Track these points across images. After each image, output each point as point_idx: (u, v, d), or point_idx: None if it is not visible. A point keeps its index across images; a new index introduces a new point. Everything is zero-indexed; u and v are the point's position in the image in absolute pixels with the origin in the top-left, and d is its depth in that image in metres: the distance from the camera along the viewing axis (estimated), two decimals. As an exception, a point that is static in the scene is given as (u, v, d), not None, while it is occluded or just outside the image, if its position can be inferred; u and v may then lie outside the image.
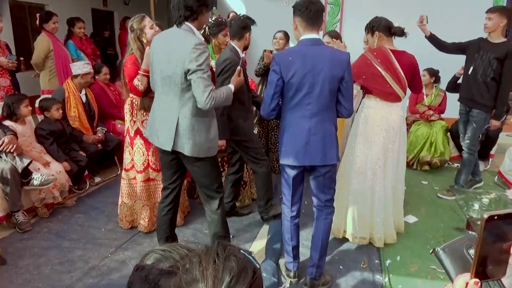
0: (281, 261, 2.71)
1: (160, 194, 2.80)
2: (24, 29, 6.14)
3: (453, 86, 4.27)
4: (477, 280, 0.66)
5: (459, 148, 4.84)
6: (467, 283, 0.67)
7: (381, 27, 2.77)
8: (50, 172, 3.37)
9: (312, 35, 2.17)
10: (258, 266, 0.75)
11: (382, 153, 2.75)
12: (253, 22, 2.97)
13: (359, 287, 2.52)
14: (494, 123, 3.59)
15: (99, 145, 4.12)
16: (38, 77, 4.52)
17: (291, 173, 2.31)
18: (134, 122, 2.96)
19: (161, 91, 2.31)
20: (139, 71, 2.80)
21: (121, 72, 2.97)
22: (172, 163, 2.47)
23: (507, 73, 3.37)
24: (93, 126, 4.21)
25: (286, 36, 4.02)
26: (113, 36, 8.23)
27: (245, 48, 3.03)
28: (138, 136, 2.96)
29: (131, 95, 2.94)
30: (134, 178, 3.06)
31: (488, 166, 4.72)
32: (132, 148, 3.01)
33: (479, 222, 1.99)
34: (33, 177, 3.18)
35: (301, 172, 2.33)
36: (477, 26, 3.74)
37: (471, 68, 3.53)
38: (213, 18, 3.24)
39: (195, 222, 3.34)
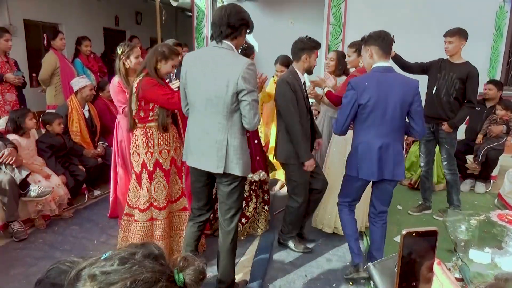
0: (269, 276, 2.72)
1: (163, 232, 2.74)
2: (37, 47, 6.40)
3: None
4: None
5: (459, 169, 4.80)
6: None
7: None
8: (50, 185, 3.47)
9: (386, 63, 2.44)
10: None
11: None
12: (317, 44, 2.90)
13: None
14: (446, 128, 3.54)
15: (99, 159, 4.23)
16: (44, 92, 4.71)
17: (357, 184, 2.60)
18: (152, 154, 2.67)
19: (204, 113, 2.18)
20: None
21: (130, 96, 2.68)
22: (207, 185, 2.39)
23: (470, 93, 3.45)
24: (95, 140, 4.33)
25: (339, 56, 3.80)
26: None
27: (308, 71, 2.95)
28: (157, 168, 2.69)
29: (144, 125, 2.67)
30: (152, 218, 2.73)
31: (490, 188, 4.65)
32: (150, 183, 2.69)
33: (462, 244, 2.01)
34: (31, 189, 3.28)
35: (365, 184, 2.62)
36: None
37: (435, 88, 3.58)
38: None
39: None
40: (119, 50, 3.06)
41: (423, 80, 3.70)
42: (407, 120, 2.53)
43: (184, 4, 7.49)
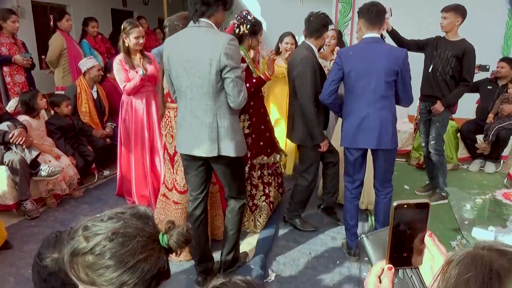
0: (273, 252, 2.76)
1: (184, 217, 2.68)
2: (45, 28, 6.41)
3: None
4: (390, 266, 0.69)
5: (469, 148, 4.75)
6: (383, 269, 0.69)
7: None
8: (60, 165, 3.55)
9: (373, 34, 2.46)
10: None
11: None
12: (331, 21, 2.89)
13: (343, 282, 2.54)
14: (437, 106, 3.45)
15: (108, 140, 4.29)
16: (53, 74, 4.75)
17: (351, 156, 2.63)
18: (172, 137, 2.63)
19: (191, 97, 2.11)
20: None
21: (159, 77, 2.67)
22: (201, 170, 2.30)
23: (466, 71, 3.35)
24: (103, 121, 4.38)
25: (338, 35, 3.88)
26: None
27: (319, 49, 2.91)
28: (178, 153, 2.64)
29: (170, 105, 2.62)
30: (174, 202, 2.73)
31: (500, 168, 4.59)
32: (172, 166, 2.69)
33: (466, 222, 2.02)
34: (41, 169, 3.35)
35: (361, 155, 2.61)
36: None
37: (431, 66, 3.49)
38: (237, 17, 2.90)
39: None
40: (123, 26, 3.10)
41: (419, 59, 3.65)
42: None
43: (191, -17, 7.38)
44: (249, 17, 2.83)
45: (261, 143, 3.10)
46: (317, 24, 2.78)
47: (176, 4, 8.67)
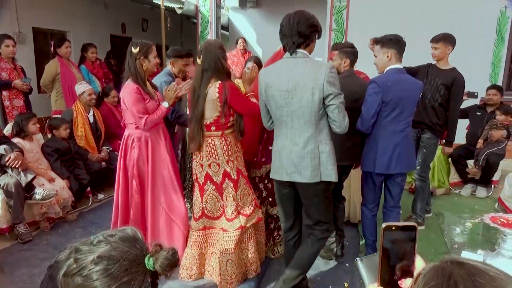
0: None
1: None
2: (45, 54, 6.56)
3: None
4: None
5: (460, 173, 4.82)
6: None
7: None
8: (54, 188, 3.56)
9: (400, 65, 2.66)
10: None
11: None
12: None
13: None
14: (447, 150, 3.64)
15: (103, 163, 4.32)
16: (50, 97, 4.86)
17: (378, 180, 2.73)
18: (233, 162, 2.61)
19: (291, 125, 2.18)
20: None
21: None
22: (292, 196, 2.36)
23: (454, 100, 3.45)
24: (99, 145, 4.43)
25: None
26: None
27: None
28: (240, 176, 2.65)
29: (222, 132, 2.55)
30: (242, 227, 2.66)
31: (491, 193, 4.64)
32: (236, 192, 2.63)
33: (456, 246, 2.08)
34: (36, 192, 3.37)
35: (382, 180, 2.76)
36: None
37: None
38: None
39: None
40: (134, 49, 2.69)
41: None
42: None
43: (188, 12, 7.61)
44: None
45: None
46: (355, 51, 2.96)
47: (174, 31, 8.91)
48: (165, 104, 2.80)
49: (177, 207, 2.91)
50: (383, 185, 2.84)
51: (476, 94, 4.39)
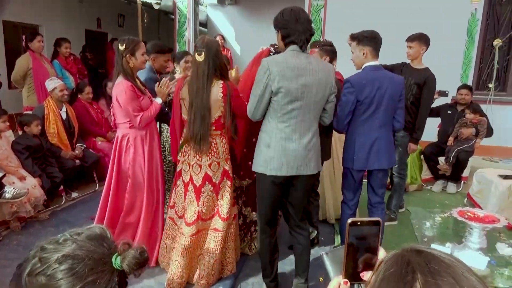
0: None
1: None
2: (17, 48, 6.35)
3: None
4: (346, 280, 0.74)
5: (432, 170, 4.97)
6: (340, 284, 0.75)
7: None
8: (25, 186, 3.46)
9: (376, 62, 2.65)
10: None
11: None
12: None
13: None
14: (413, 147, 3.71)
15: (77, 161, 4.23)
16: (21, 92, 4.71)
17: (357, 177, 2.74)
18: (229, 160, 2.60)
19: (301, 119, 2.19)
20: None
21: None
22: (281, 192, 2.34)
23: (425, 99, 3.55)
24: (73, 142, 4.33)
25: None
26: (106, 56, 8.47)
27: None
28: (225, 177, 2.60)
29: (221, 132, 2.53)
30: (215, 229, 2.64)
31: (461, 188, 4.81)
32: (198, 198, 2.57)
33: (425, 240, 2.14)
34: (5, 191, 3.26)
35: (361, 177, 2.78)
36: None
37: None
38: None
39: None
40: (120, 46, 2.62)
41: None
42: None
43: (166, 7, 7.53)
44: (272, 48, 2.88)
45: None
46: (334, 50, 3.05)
47: (152, 27, 8.79)
48: (158, 100, 2.78)
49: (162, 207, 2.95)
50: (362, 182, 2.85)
51: (446, 92, 4.53)
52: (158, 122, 3.24)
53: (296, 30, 2.14)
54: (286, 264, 2.98)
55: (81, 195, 4.30)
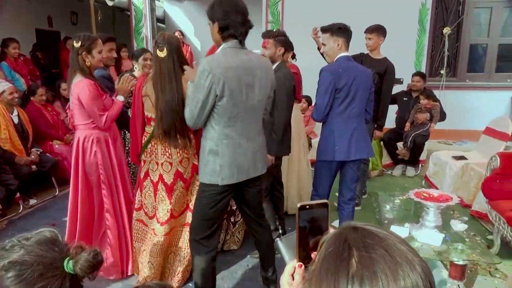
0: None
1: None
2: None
3: None
4: (300, 263, 0.75)
5: (391, 155, 5.17)
6: (295, 267, 0.76)
7: None
8: (-24, 196, 3.28)
9: (347, 53, 2.68)
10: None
11: None
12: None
13: None
14: (378, 133, 3.89)
15: (33, 167, 4.04)
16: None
17: (335, 169, 2.71)
18: (171, 164, 2.51)
19: (248, 121, 2.07)
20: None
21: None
22: (230, 198, 2.25)
23: (386, 87, 3.71)
24: (27, 147, 4.13)
25: None
26: (60, 56, 8.12)
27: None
28: (178, 179, 2.54)
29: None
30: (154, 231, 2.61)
31: (419, 171, 5.04)
32: (187, 191, 2.61)
33: (386, 222, 2.18)
34: (-45, 202, 3.08)
35: (337, 170, 2.76)
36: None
37: None
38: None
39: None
40: (76, 44, 2.51)
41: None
42: None
43: (120, 4, 7.32)
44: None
45: None
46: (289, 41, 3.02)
47: (107, 25, 8.49)
48: (120, 98, 2.69)
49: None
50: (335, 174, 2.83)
51: (401, 80, 4.73)
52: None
53: (236, 21, 1.95)
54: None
55: (40, 201, 4.12)
